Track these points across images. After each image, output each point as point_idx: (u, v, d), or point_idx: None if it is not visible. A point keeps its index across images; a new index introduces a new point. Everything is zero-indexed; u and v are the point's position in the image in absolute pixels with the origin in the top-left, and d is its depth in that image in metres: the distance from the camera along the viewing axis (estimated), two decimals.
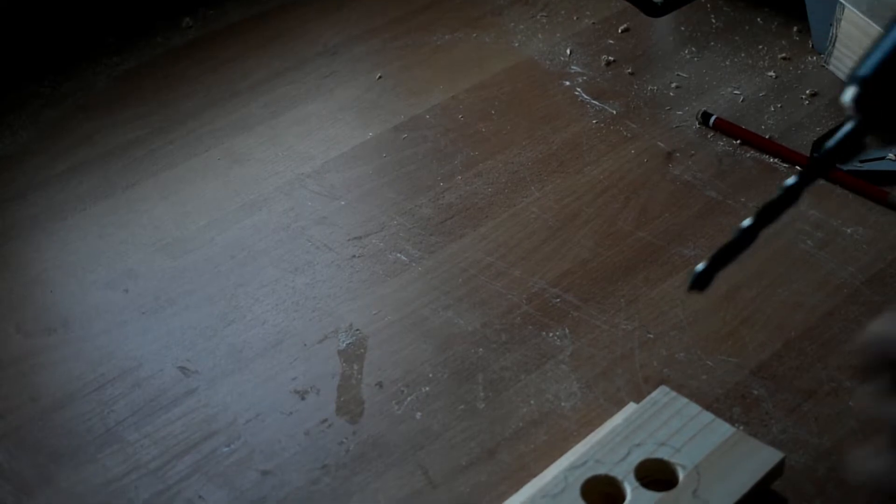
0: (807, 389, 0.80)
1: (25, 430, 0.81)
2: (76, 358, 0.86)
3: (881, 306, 0.87)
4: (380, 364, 0.84)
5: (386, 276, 0.92)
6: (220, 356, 0.86)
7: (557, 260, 0.93)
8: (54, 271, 0.95)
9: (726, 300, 0.87)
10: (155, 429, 0.80)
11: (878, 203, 0.96)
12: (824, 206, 0.95)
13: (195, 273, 0.94)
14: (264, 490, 0.76)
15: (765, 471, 0.70)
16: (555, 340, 0.85)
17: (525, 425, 0.79)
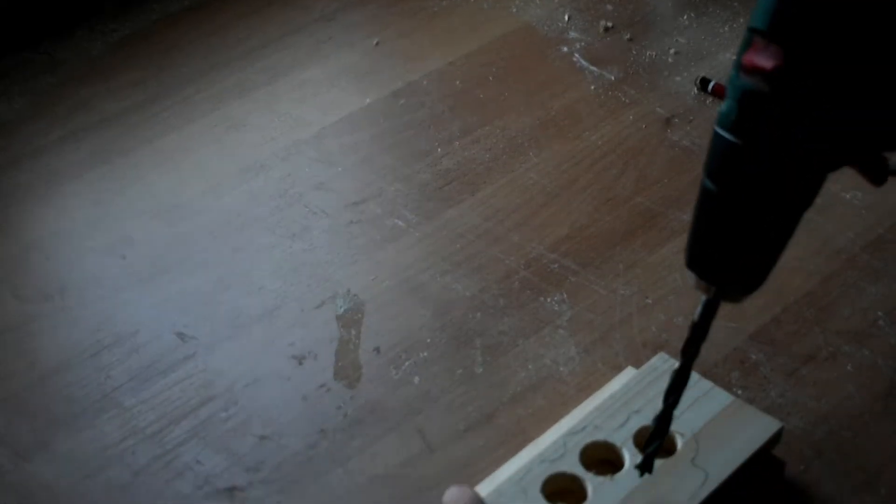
0: (805, 354, 0.80)
1: (23, 396, 0.80)
2: (73, 324, 0.86)
3: (879, 271, 0.86)
4: (377, 329, 0.84)
5: (384, 242, 0.92)
6: (217, 322, 0.85)
7: (555, 225, 0.92)
8: (51, 238, 0.94)
9: None
10: (152, 394, 0.80)
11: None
12: None
13: (192, 239, 0.93)
14: (262, 454, 0.75)
15: (763, 440, 0.70)
16: (553, 305, 0.85)
17: (523, 390, 0.78)
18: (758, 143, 0.56)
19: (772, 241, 0.60)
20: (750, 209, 0.58)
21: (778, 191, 0.57)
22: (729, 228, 0.59)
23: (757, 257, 0.60)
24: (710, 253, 0.60)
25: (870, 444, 0.73)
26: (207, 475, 0.74)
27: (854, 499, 0.70)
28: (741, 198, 0.58)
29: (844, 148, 0.57)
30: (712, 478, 0.68)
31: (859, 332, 0.81)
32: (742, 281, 0.61)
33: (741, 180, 0.57)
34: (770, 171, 0.56)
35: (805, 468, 0.72)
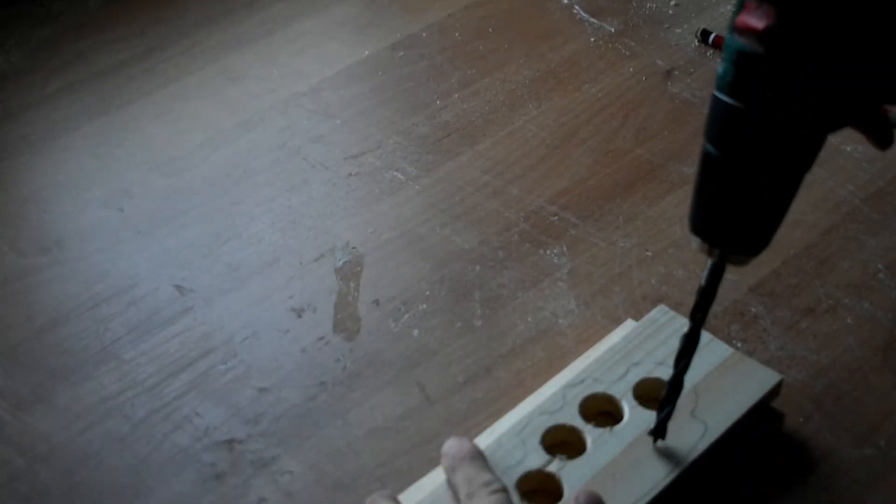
0: (805, 307, 0.79)
1: (21, 349, 0.79)
2: (71, 277, 0.85)
3: (880, 224, 0.85)
4: (376, 282, 0.83)
5: (382, 195, 0.91)
6: (215, 275, 0.84)
7: (555, 178, 0.91)
8: (48, 191, 0.93)
9: None
10: (151, 347, 0.79)
11: None
12: None
13: (190, 192, 0.92)
14: (261, 407, 0.74)
15: (763, 392, 0.69)
16: (552, 258, 0.84)
17: (522, 342, 0.78)
18: (755, 104, 0.55)
19: (775, 203, 0.60)
20: (752, 172, 0.58)
21: (778, 152, 0.57)
22: (732, 192, 0.59)
23: (761, 219, 0.60)
24: (714, 217, 0.60)
25: (869, 396, 0.73)
26: (206, 427, 0.73)
27: (853, 451, 0.69)
28: (742, 161, 0.57)
29: (842, 106, 0.57)
30: (711, 430, 0.67)
31: (859, 285, 0.80)
32: (747, 243, 0.61)
33: (741, 143, 0.57)
34: (769, 132, 0.56)
35: (804, 420, 0.71)
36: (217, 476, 0.70)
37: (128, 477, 0.70)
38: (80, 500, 0.69)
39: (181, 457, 0.72)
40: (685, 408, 0.68)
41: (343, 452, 0.71)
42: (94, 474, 0.71)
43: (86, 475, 0.71)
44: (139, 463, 0.71)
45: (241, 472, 0.70)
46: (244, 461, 0.71)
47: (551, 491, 0.65)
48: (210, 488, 0.70)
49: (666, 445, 0.66)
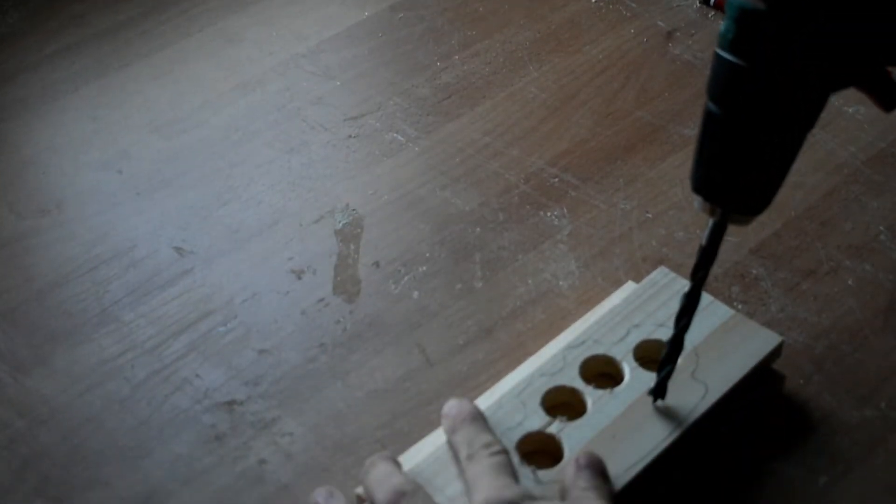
0: (806, 269, 0.78)
1: (20, 311, 0.79)
2: (70, 239, 0.84)
3: (881, 186, 0.84)
4: (376, 243, 0.82)
5: (382, 156, 0.90)
6: (215, 236, 0.84)
7: (556, 140, 0.90)
8: (47, 153, 0.92)
9: None
10: (151, 309, 0.78)
11: None
12: None
13: (190, 154, 0.91)
14: (261, 369, 0.74)
15: (763, 354, 0.68)
16: (553, 220, 0.83)
17: (522, 304, 0.77)
18: (757, 61, 0.54)
19: (777, 162, 0.59)
20: (754, 130, 0.57)
21: (781, 111, 0.56)
22: (733, 150, 0.58)
23: (762, 178, 0.59)
24: (716, 176, 0.59)
25: (870, 358, 0.72)
26: (206, 389, 0.73)
27: (854, 412, 0.69)
28: (745, 119, 0.56)
29: (844, 64, 0.56)
30: (712, 391, 0.67)
31: (860, 247, 0.79)
32: (748, 202, 0.60)
33: (744, 101, 0.56)
34: (771, 90, 0.55)
35: (805, 382, 0.71)
36: (217, 437, 0.70)
37: (128, 439, 0.70)
38: (80, 461, 0.69)
39: (181, 418, 0.71)
40: (686, 369, 0.68)
41: (343, 414, 0.71)
42: (95, 436, 0.70)
43: (86, 437, 0.70)
44: (139, 425, 0.71)
45: (242, 434, 0.70)
46: (244, 422, 0.71)
47: (551, 452, 0.64)
48: (210, 449, 0.69)
49: (666, 407, 0.66)
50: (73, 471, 0.68)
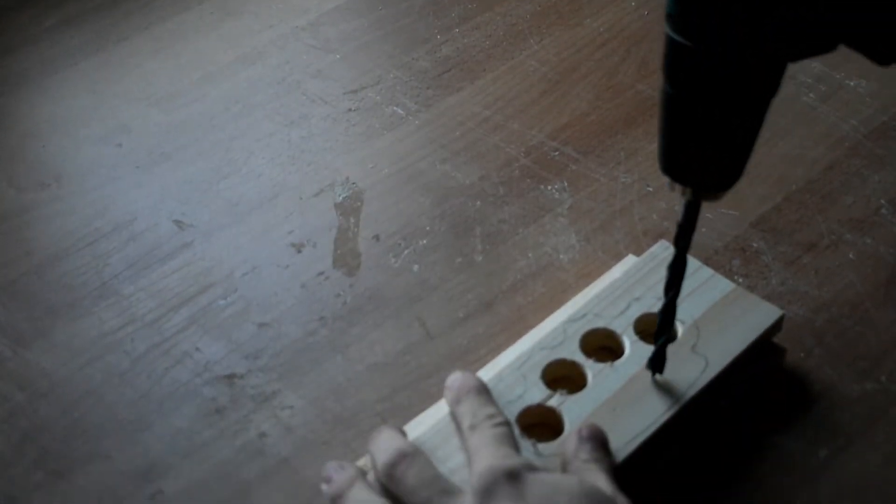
0: (807, 242, 0.78)
1: (20, 284, 0.78)
2: (70, 212, 0.83)
3: (883, 159, 0.83)
4: (377, 217, 0.81)
5: (382, 130, 0.89)
6: (215, 210, 0.83)
7: (556, 113, 0.89)
8: (46, 126, 0.91)
9: None
10: (150, 282, 0.78)
11: None
12: (827, 58, 0.91)
13: (189, 127, 0.90)
14: (261, 342, 0.73)
15: (764, 327, 0.68)
16: (553, 193, 0.82)
17: (523, 278, 0.77)
18: (701, 41, 0.52)
19: (737, 139, 0.57)
20: (707, 109, 0.55)
21: (731, 87, 0.54)
22: (691, 130, 0.56)
23: (724, 156, 0.58)
24: (678, 156, 0.58)
25: (871, 331, 0.71)
26: (207, 362, 0.72)
27: (854, 386, 0.68)
28: (697, 99, 0.55)
29: (791, 41, 0.53)
30: (712, 365, 0.66)
31: (862, 221, 0.79)
32: (714, 180, 0.59)
33: (693, 81, 0.54)
34: (718, 68, 0.53)
35: (805, 356, 0.70)
36: (217, 410, 0.69)
37: (128, 412, 0.70)
38: (80, 435, 0.68)
39: (181, 392, 0.71)
40: (686, 343, 0.67)
41: (343, 387, 0.70)
42: (94, 409, 0.70)
43: (86, 410, 0.70)
44: (139, 398, 0.70)
45: (242, 407, 0.69)
46: (244, 396, 0.70)
47: (552, 425, 0.64)
48: (210, 423, 0.69)
49: (666, 380, 0.65)
50: (73, 444, 0.68)
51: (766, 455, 0.65)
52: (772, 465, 0.65)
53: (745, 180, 0.81)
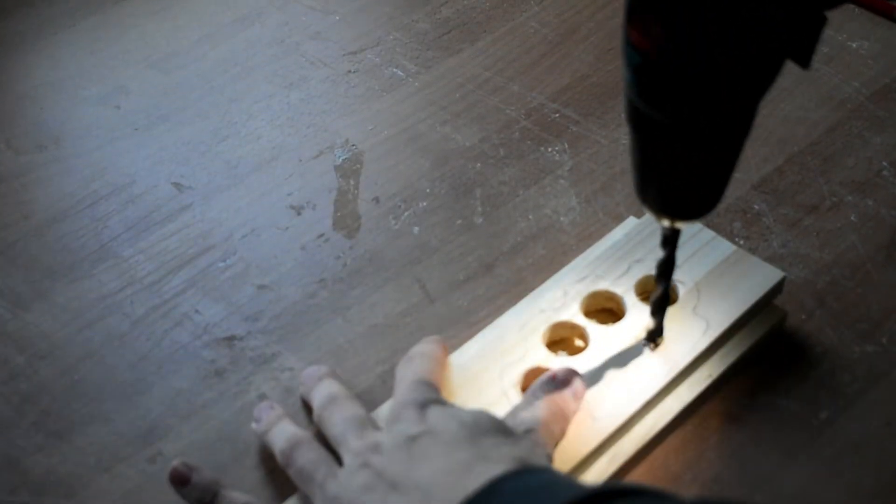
0: (808, 204, 0.77)
1: (19, 247, 0.77)
2: (68, 174, 0.82)
3: (885, 121, 0.82)
4: (376, 179, 0.80)
5: (382, 92, 0.88)
6: (214, 172, 0.82)
7: (557, 75, 0.88)
8: (44, 88, 0.90)
9: None
10: (149, 244, 0.77)
11: (885, 17, 0.90)
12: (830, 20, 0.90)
13: (188, 88, 0.89)
14: (261, 304, 0.73)
15: (765, 290, 0.67)
16: (554, 155, 0.81)
17: (523, 240, 0.76)
18: (671, 117, 0.52)
19: (711, 176, 0.56)
20: (676, 154, 0.54)
21: (698, 136, 0.53)
22: (661, 171, 0.56)
23: (699, 191, 0.57)
24: (651, 192, 0.57)
25: (872, 293, 0.71)
26: (206, 324, 0.71)
27: (855, 348, 0.68)
28: (665, 146, 0.54)
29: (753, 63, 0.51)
30: (713, 327, 0.65)
31: (863, 182, 0.78)
32: (691, 211, 0.58)
33: (660, 135, 0.53)
34: (684, 131, 0.52)
35: (807, 318, 0.70)
36: (217, 372, 0.69)
37: (128, 374, 0.69)
38: (80, 397, 0.68)
39: (181, 354, 0.70)
40: (687, 305, 0.67)
41: (343, 349, 0.70)
42: (94, 371, 0.69)
43: (86, 372, 0.69)
44: (139, 360, 0.70)
45: (242, 369, 0.69)
46: (244, 358, 0.69)
47: None
48: (210, 385, 0.68)
49: (668, 342, 0.65)
50: (73, 406, 0.67)
51: (767, 417, 0.64)
52: (772, 426, 0.64)
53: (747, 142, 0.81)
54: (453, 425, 0.57)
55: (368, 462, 0.57)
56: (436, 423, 0.58)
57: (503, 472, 0.52)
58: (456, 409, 0.59)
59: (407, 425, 0.58)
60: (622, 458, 0.62)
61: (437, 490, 0.53)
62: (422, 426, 0.58)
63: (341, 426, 0.61)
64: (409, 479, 0.55)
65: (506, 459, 0.54)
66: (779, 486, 0.61)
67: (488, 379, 0.64)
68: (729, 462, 0.63)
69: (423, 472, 0.55)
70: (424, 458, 0.56)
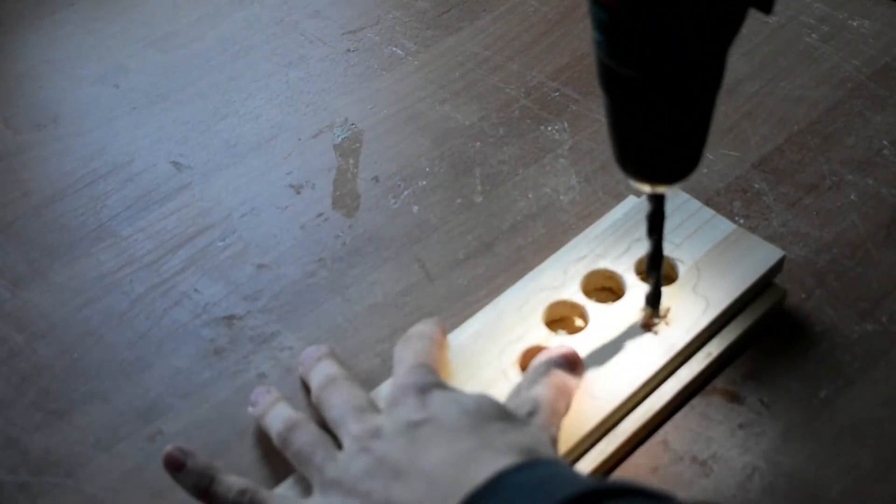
0: (808, 183, 0.76)
1: (18, 226, 0.77)
2: (67, 153, 0.82)
3: (885, 100, 0.82)
4: (376, 158, 0.80)
5: (381, 70, 0.87)
6: (213, 151, 0.81)
7: (556, 53, 0.87)
8: (43, 67, 0.89)
9: (729, 94, 0.82)
10: (149, 223, 0.76)
11: None
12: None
13: (187, 67, 0.88)
14: (260, 283, 0.72)
15: (765, 268, 0.67)
16: (553, 134, 0.81)
17: (523, 219, 0.75)
18: (638, 71, 0.52)
19: (685, 135, 0.56)
20: (649, 113, 0.54)
21: (672, 93, 0.53)
22: (637, 132, 0.56)
23: (675, 151, 0.57)
24: (629, 155, 0.57)
25: (872, 272, 0.70)
26: (205, 303, 0.71)
27: (855, 327, 0.67)
28: (637, 106, 0.54)
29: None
30: (713, 305, 0.65)
31: (864, 161, 0.77)
32: (670, 173, 0.58)
33: (631, 95, 0.53)
34: (659, 91, 0.52)
35: (807, 297, 0.69)
36: (216, 351, 0.68)
37: (127, 353, 0.68)
38: (79, 376, 0.67)
39: (180, 333, 0.69)
40: (687, 284, 0.66)
41: (343, 328, 0.69)
42: (94, 350, 0.69)
43: (85, 351, 0.69)
44: (138, 339, 0.69)
45: (241, 348, 0.68)
46: (244, 337, 0.69)
47: None
48: (209, 364, 0.68)
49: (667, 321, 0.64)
50: (73, 385, 0.67)
51: (767, 396, 0.64)
52: (772, 405, 0.64)
53: (747, 121, 0.80)
54: (456, 412, 0.57)
55: (369, 447, 0.56)
56: (438, 409, 0.57)
57: (508, 464, 0.52)
58: (457, 394, 0.59)
59: (408, 411, 0.57)
60: (621, 437, 0.61)
61: (442, 480, 0.53)
62: (423, 412, 0.57)
63: (340, 409, 0.60)
64: (412, 467, 0.54)
65: (511, 448, 0.54)
66: (778, 465, 0.61)
67: (488, 358, 0.63)
68: (728, 441, 0.62)
69: (427, 460, 0.54)
70: (428, 445, 0.55)
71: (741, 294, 0.66)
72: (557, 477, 0.50)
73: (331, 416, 0.60)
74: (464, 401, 0.58)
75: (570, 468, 0.53)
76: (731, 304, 0.65)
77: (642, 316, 0.65)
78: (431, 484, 0.53)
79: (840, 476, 0.60)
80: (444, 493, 0.52)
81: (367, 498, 0.54)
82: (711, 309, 0.65)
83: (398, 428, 0.57)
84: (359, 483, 0.55)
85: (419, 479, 0.53)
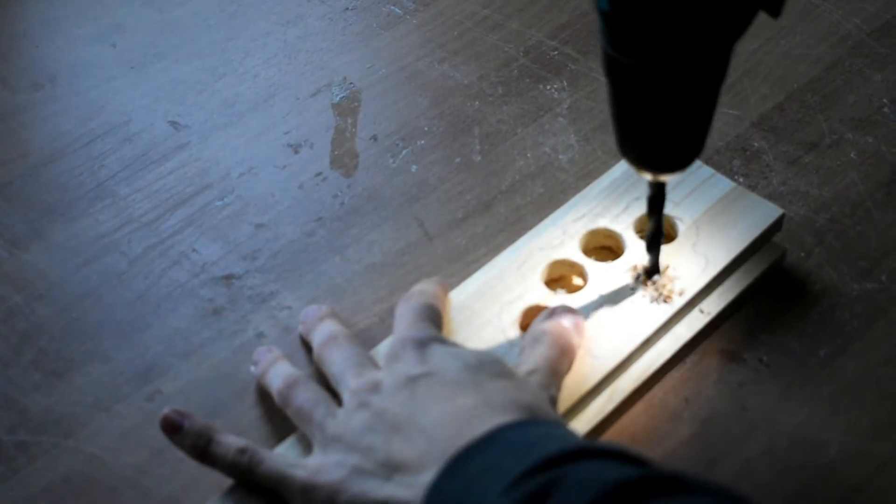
0: (808, 141, 0.75)
1: (16, 186, 0.75)
2: (65, 113, 0.80)
3: (885, 58, 0.80)
4: (374, 117, 0.78)
5: (380, 29, 0.85)
6: (211, 110, 0.80)
7: (556, 12, 0.86)
8: (40, 26, 0.88)
9: None
10: (147, 183, 0.75)
11: None
12: None
13: (184, 26, 0.87)
14: (259, 243, 0.71)
15: (764, 226, 0.65)
16: (552, 93, 0.79)
17: (521, 178, 0.74)
18: (644, 55, 0.51)
19: (688, 125, 0.55)
20: (652, 104, 0.53)
21: (675, 85, 0.52)
22: (639, 121, 0.55)
23: (678, 141, 0.56)
24: (632, 144, 0.56)
25: (871, 231, 0.69)
26: (204, 263, 0.70)
27: (854, 285, 0.66)
28: (641, 95, 0.53)
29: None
30: (712, 264, 0.64)
31: (864, 120, 0.76)
32: (672, 163, 0.57)
33: (636, 83, 0.52)
34: (661, 76, 0.51)
35: (806, 255, 0.68)
36: (215, 311, 0.67)
37: (125, 312, 0.67)
38: (77, 336, 0.66)
39: (179, 292, 0.68)
40: (686, 242, 0.65)
41: (341, 288, 0.68)
42: (92, 310, 0.68)
43: (83, 311, 0.68)
44: (137, 298, 0.68)
45: (240, 308, 0.67)
46: (242, 296, 0.68)
47: None
48: (208, 323, 0.67)
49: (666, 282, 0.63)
50: (72, 345, 0.66)
51: (766, 354, 0.63)
52: (771, 364, 0.63)
53: (747, 80, 0.79)
54: (456, 366, 0.56)
55: (368, 401, 0.55)
56: (437, 364, 0.56)
57: (507, 421, 0.51)
58: (458, 349, 0.58)
59: (407, 365, 0.57)
60: (620, 395, 0.60)
61: (441, 435, 0.52)
62: (423, 366, 0.56)
63: (340, 364, 0.59)
64: (411, 422, 0.53)
65: (510, 406, 0.53)
66: (777, 424, 0.60)
67: (487, 317, 0.62)
68: (727, 400, 0.61)
69: (427, 416, 0.53)
70: (427, 400, 0.54)
71: (740, 252, 0.65)
72: (550, 436, 0.50)
73: (331, 371, 0.59)
74: (465, 355, 0.57)
75: (566, 429, 0.53)
76: (731, 262, 0.64)
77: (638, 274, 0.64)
78: (431, 440, 0.52)
79: (839, 434, 0.60)
80: (443, 447, 0.51)
81: (368, 453, 0.53)
82: (711, 267, 0.64)
83: (397, 382, 0.56)
84: (359, 438, 0.54)
85: (419, 434, 0.53)
